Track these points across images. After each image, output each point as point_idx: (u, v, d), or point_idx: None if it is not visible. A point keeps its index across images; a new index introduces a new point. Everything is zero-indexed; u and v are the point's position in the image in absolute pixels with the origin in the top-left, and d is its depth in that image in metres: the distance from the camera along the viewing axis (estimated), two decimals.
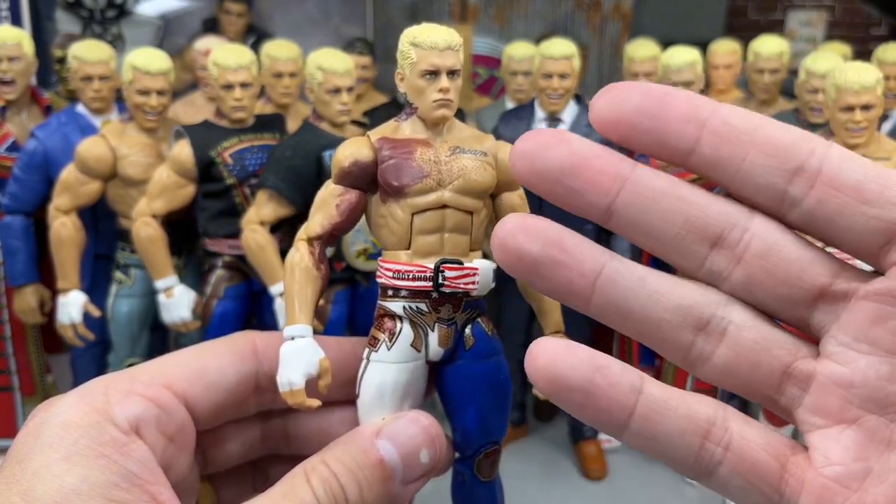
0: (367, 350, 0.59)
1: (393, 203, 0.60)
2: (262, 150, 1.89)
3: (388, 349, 0.59)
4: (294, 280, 0.60)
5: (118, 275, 2.04)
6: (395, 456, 0.51)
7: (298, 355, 0.56)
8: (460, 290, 0.60)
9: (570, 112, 2.08)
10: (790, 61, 2.50)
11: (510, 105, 2.51)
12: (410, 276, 0.59)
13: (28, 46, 2.12)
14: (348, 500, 0.49)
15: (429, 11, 4.01)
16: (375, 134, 0.62)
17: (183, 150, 1.84)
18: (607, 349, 2.36)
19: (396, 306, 0.60)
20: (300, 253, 0.61)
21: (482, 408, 0.61)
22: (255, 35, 3.37)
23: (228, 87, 1.85)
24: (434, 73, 0.61)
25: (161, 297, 1.91)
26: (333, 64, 1.83)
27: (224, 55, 1.86)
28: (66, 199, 1.92)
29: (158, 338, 2.16)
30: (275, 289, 1.81)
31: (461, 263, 0.60)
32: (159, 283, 1.90)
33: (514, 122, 2.11)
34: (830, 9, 4.47)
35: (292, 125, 2.03)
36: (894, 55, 2.22)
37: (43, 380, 2.28)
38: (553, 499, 2.15)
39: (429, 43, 0.61)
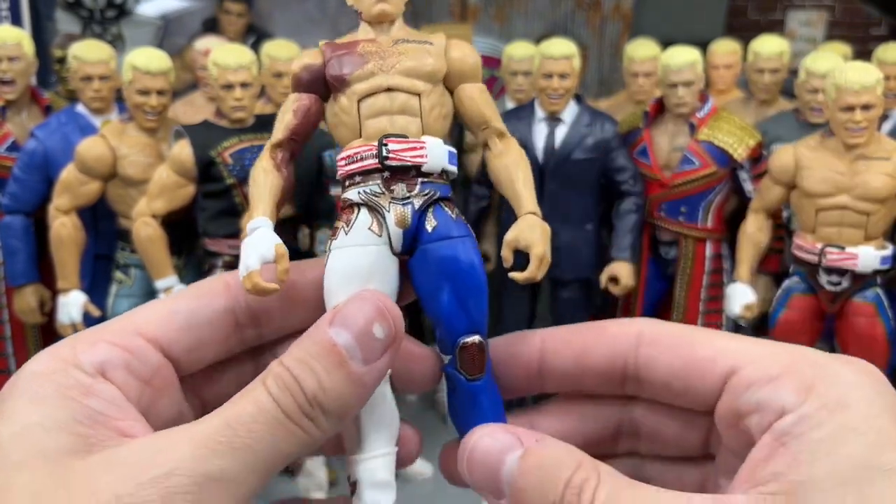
0: (328, 243, 0.60)
1: (341, 96, 0.61)
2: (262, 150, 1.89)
3: (346, 234, 0.59)
4: (255, 182, 0.61)
5: (118, 275, 2.04)
6: (348, 338, 0.50)
7: (255, 243, 0.57)
8: (408, 163, 0.59)
9: (569, 112, 2.08)
10: (790, 61, 2.50)
11: (510, 105, 2.51)
12: (359, 158, 0.60)
13: (28, 46, 2.12)
14: (305, 391, 0.48)
15: (429, 11, 4.01)
16: (324, 42, 0.64)
17: (183, 150, 1.84)
18: None
19: (352, 194, 0.60)
20: (262, 162, 0.63)
21: (452, 291, 0.59)
22: (255, 35, 3.37)
23: (228, 87, 1.85)
24: None
25: (161, 297, 1.91)
26: None
27: (224, 55, 1.86)
28: (66, 199, 1.93)
29: None
30: None
31: (406, 137, 0.60)
32: (159, 283, 1.90)
33: (513, 122, 2.11)
34: (830, 9, 4.47)
35: None
36: (894, 55, 2.23)
37: None
38: None
39: None
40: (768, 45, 2.46)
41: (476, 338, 0.60)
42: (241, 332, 0.57)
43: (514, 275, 0.61)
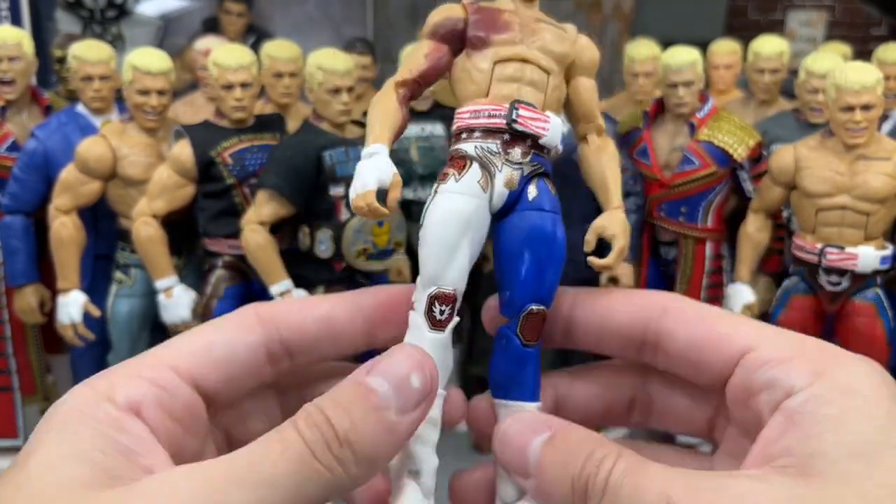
0: (435, 184, 0.61)
1: (477, 55, 0.63)
2: (262, 150, 1.89)
3: (456, 181, 0.61)
4: (377, 110, 0.62)
5: (118, 275, 2.04)
6: (386, 386, 0.50)
7: (375, 165, 0.59)
8: (531, 131, 0.62)
9: None
10: (790, 61, 2.50)
11: None
12: (486, 114, 0.62)
13: (28, 46, 2.12)
14: (336, 430, 0.47)
15: (429, 11, 4.00)
16: (468, 1, 0.66)
17: (183, 150, 1.84)
18: None
19: (468, 146, 0.62)
20: (386, 95, 0.64)
21: (534, 259, 0.61)
22: (255, 35, 3.37)
23: (228, 87, 1.85)
24: None
25: (161, 298, 1.91)
26: (333, 64, 1.83)
27: (224, 55, 1.86)
28: (66, 199, 1.92)
29: (158, 338, 2.16)
30: (275, 289, 1.81)
31: (534, 107, 0.62)
32: (159, 283, 1.90)
33: None
34: (830, 9, 4.47)
35: (292, 125, 2.03)
36: (894, 55, 2.23)
37: (43, 380, 2.28)
38: None
39: None
40: (768, 46, 2.46)
41: (543, 307, 0.61)
42: (274, 364, 0.57)
43: (593, 260, 0.64)
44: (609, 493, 0.46)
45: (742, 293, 1.99)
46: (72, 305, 1.94)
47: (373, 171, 0.58)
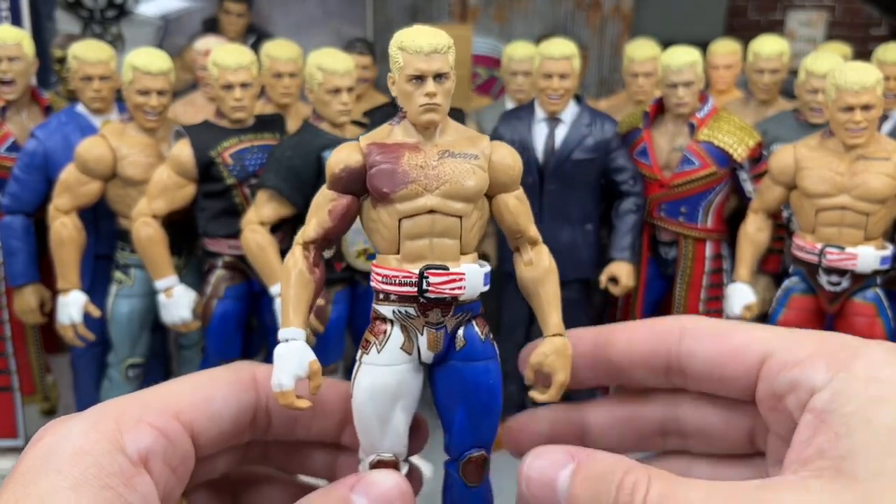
0: (359, 352, 0.61)
1: (381, 208, 0.62)
2: (262, 150, 1.89)
3: (378, 352, 0.60)
4: (289, 285, 0.62)
5: (118, 275, 2.04)
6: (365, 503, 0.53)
7: (289, 357, 0.58)
8: (446, 296, 0.60)
9: (569, 112, 2.08)
10: (790, 61, 2.50)
11: (510, 105, 2.51)
12: (398, 282, 0.60)
13: (28, 46, 2.12)
14: None
15: (429, 11, 4.01)
16: (367, 139, 0.63)
17: (183, 151, 1.84)
18: None
19: (387, 310, 0.61)
20: (294, 258, 0.63)
21: (468, 410, 0.62)
22: (255, 35, 3.37)
23: (228, 87, 1.85)
24: (420, 78, 0.61)
25: (161, 298, 1.91)
26: (333, 64, 1.83)
27: (224, 55, 1.86)
28: (66, 199, 1.92)
29: (158, 338, 2.16)
30: (275, 289, 1.81)
31: (447, 269, 0.60)
32: (159, 284, 1.90)
33: (514, 122, 2.11)
34: (830, 9, 4.47)
35: (292, 125, 2.03)
36: (894, 55, 2.22)
37: (43, 380, 2.28)
38: None
39: (414, 47, 0.61)
40: (768, 46, 2.46)
41: (482, 452, 0.63)
42: (254, 427, 0.59)
43: (535, 395, 0.63)
44: None
45: (742, 293, 1.99)
46: (72, 306, 1.94)
47: (289, 367, 0.58)
